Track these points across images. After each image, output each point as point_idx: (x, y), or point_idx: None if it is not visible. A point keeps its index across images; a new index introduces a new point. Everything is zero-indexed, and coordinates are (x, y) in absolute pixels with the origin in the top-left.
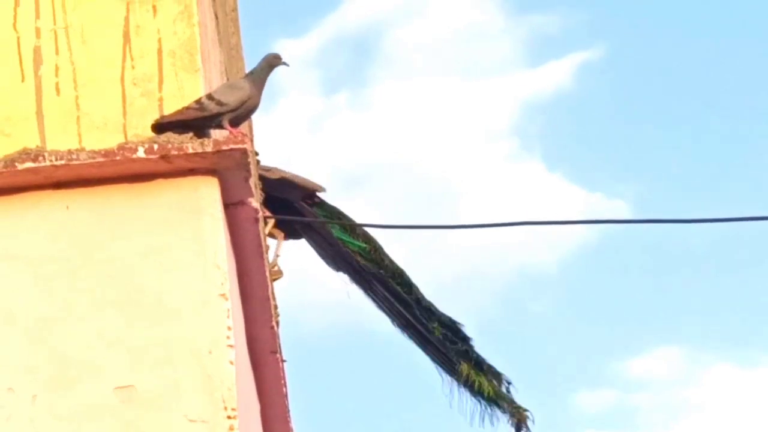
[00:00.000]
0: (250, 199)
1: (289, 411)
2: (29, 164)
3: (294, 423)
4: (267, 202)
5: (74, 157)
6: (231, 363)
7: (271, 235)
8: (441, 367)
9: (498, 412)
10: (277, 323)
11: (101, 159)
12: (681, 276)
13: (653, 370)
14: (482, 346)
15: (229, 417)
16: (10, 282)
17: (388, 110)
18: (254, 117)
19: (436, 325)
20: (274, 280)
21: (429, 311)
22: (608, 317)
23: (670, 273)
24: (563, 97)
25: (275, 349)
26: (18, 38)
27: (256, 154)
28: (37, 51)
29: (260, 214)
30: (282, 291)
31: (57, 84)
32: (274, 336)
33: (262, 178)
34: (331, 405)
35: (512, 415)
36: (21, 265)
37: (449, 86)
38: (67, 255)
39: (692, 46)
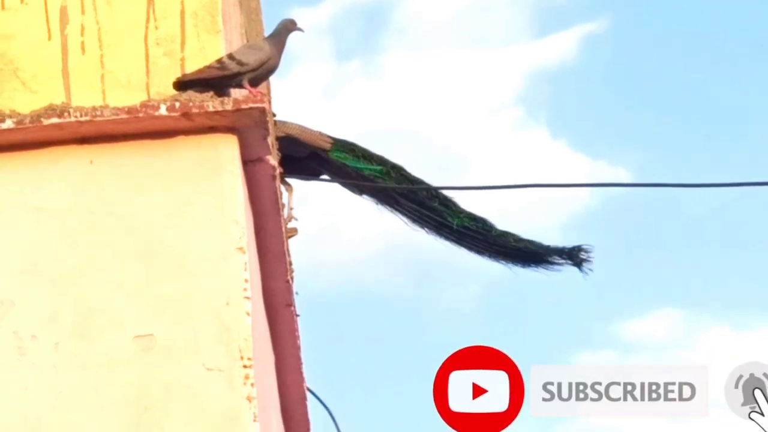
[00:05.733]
0: (268, 157)
1: (302, 362)
2: (55, 120)
3: (306, 375)
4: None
5: (98, 113)
6: (248, 314)
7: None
8: (485, 254)
9: (558, 265)
10: (292, 278)
11: (124, 116)
12: (680, 241)
13: (652, 332)
14: (485, 309)
15: (244, 366)
16: (35, 233)
17: (398, 79)
18: (271, 80)
19: (463, 216)
20: (289, 237)
21: (456, 210)
22: (608, 280)
23: (670, 238)
24: (568, 67)
25: (290, 303)
26: None
27: (274, 114)
28: (63, 11)
29: (277, 172)
30: (295, 249)
31: (82, 43)
32: (289, 290)
33: None
34: (342, 359)
35: (570, 258)
36: (46, 217)
37: (458, 56)
38: (90, 208)
39: (696, 16)
